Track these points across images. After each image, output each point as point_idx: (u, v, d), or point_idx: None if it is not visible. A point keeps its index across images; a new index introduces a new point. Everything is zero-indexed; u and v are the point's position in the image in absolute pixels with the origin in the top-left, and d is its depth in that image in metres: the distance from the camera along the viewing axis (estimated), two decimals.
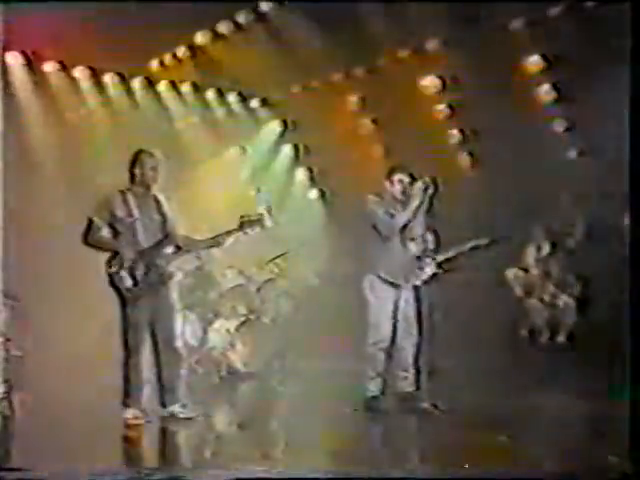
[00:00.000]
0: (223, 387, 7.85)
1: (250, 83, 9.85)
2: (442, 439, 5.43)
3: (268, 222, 6.12)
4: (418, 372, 6.34)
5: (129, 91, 9.62)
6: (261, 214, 6.10)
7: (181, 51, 9.06)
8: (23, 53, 8.86)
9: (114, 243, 5.95)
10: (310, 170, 10.90)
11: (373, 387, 6.31)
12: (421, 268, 6.41)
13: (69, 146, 9.17)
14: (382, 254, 6.34)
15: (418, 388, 6.35)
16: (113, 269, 5.91)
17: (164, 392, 6.00)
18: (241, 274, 8.53)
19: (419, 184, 6.29)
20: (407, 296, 6.37)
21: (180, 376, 6.06)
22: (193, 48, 8.97)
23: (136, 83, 9.66)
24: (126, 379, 5.92)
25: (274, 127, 10.60)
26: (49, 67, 9.14)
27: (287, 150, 10.80)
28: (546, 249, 9.10)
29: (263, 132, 10.61)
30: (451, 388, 6.56)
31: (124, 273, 5.88)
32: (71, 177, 8.94)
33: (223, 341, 8.05)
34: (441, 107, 9.56)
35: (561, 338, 8.78)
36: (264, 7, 8.26)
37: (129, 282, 5.88)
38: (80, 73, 9.34)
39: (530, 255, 9.15)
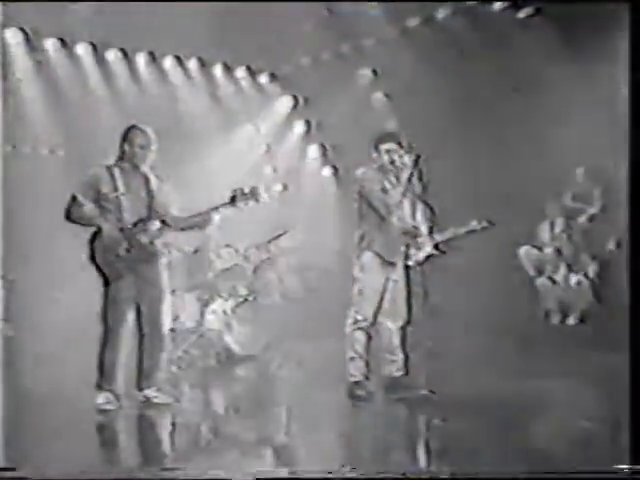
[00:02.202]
0: (220, 370, 7.66)
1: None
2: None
3: (263, 196, 5.87)
4: (406, 356, 6.09)
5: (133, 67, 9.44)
6: (255, 187, 5.85)
7: None
8: (22, 30, 8.74)
9: (97, 219, 5.74)
10: (323, 147, 10.64)
11: (354, 370, 6.03)
12: (418, 248, 6.16)
13: (69, 125, 9.04)
14: (378, 231, 6.09)
15: (407, 373, 6.09)
16: (94, 244, 5.72)
17: (142, 375, 5.83)
18: (239, 253, 8.29)
19: (408, 156, 6.01)
20: (397, 276, 6.11)
21: (160, 360, 5.89)
22: None
23: (140, 59, 9.47)
24: (102, 359, 5.73)
25: (285, 103, 10.35)
26: (50, 44, 8.99)
27: (299, 126, 10.55)
28: (560, 226, 8.73)
29: (274, 108, 10.37)
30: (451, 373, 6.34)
31: (105, 248, 5.69)
32: (71, 157, 8.81)
33: (220, 323, 7.86)
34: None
35: (572, 320, 8.45)
36: None
37: (110, 258, 5.70)
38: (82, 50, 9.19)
39: (544, 232, 8.80)
